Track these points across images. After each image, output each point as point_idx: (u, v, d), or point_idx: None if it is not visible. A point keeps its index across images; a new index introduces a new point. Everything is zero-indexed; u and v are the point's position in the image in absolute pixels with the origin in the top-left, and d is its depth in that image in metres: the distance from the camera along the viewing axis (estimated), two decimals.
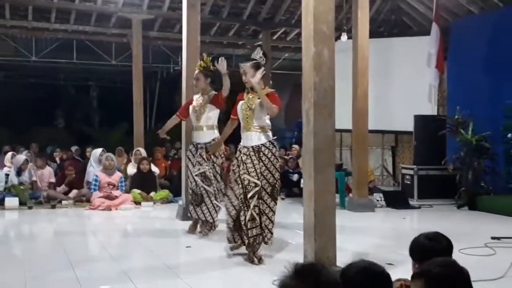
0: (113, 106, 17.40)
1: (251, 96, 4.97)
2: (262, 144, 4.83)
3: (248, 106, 4.94)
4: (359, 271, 1.87)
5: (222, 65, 5.73)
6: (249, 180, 4.74)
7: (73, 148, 12.99)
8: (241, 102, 5.03)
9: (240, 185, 4.82)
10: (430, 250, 2.28)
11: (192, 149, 6.26)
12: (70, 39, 13.10)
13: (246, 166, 4.80)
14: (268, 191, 4.75)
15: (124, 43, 12.90)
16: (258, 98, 4.86)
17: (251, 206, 4.71)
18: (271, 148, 4.84)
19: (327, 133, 3.97)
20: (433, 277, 1.84)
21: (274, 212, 4.82)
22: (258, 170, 4.76)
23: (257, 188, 4.71)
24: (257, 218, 4.73)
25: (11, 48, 14.38)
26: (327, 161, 3.99)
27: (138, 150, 10.26)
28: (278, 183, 4.84)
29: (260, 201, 4.75)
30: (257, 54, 5.05)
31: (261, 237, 4.78)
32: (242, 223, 4.81)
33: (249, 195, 4.72)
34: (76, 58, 13.85)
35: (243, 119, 4.98)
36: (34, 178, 8.99)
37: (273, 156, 4.81)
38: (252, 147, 4.85)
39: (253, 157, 4.80)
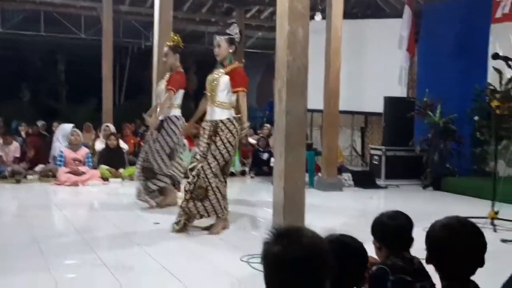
0: (81, 81, 17.03)
1: (218, 70, 5.01)
2: (220, 120, 4.88)
3: (213, 79, 4.99)
4: (334, 240, 1.90)
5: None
6: (196, 153, 5.04)
7: (39, 123, 12.71)
8: (209, 76, 5.06)
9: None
10: (390, 228, 2.33)
11: None
12: (37, 10, 12.70)
13: (200, 140, 5.02)
14: (212, 166, 4.83)
15: (94, 17, 12.60)
16: (224, 74, 4.89)
17: (190, 178, 4.92)
18: (228, 125, 4.87)
19: (299, 112, 3.98)
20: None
21: (218, 188, 4.88)
22: (205, 146, 4.91)
23: (199, 164, 4.88)
24: (204, 192, 4.86)
25: None
26: (299, 140, 4.01)
27: (107, 126, 10.11)
28: (230, 159, 4.91)
29: (204, 176, 4.85)
30: (233, 30, 5.04)
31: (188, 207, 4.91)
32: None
33: (190, 167, 5.02)
34: (43, 30, 13.44)
35: (209, 92, 5.04)
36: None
37: (229, 133, 4.85)
38: (211, 121, 4.91)
39: (207, 133, 4.94)
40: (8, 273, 3.80)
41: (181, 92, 6.24)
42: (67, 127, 9.28)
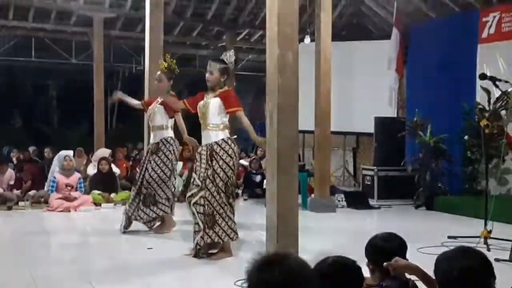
0: (72, 105, 17.03)
1: (208, 95, 5.03)
2: (215, 142, 4.87)
3: (204, 105, 5.02)
4: (331, 263, 1.91)
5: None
6: (194, 179, 4.92)
7: (31, 149, 12.66)
8: (201, 102, 5.07)
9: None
10: (384, 250, 2.34)
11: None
12: (28, 36, 12.74)
13: (196, 165, 4.97)
14: (212, 191, 4.80)
15: (84, 42, 12.66)
16: (214, 97, 4.91)
17: (193, 209, 4.88)
18: (223, 146, 4.86)
19: (290, 134, 4.00)
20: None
21: (225, 212, 4.84)
22: (203, 172, 4.86)
23: (199, 191, 4.85)
24: (199, 219, 4.86)
25: None
26: (291, 162, 4.03)
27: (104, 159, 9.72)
28: (230, 181, 4.85)
29: (208, 202, 4.81)
30: (230, 58, 5.01)
31: (203, 239, 4.86)
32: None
33: (188, 194, 4.97)
34: (34, 56, 13.47)
35: (201, 117, 5.05)
36: None
37: (225, 154, 4.83)
38: (206, 145, 4.91)
39: (203, 156, 4.92)
40: None
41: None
42: (65, 153, 9.22)
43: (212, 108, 4.95)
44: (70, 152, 9.15)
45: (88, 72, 12.33)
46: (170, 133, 6.21)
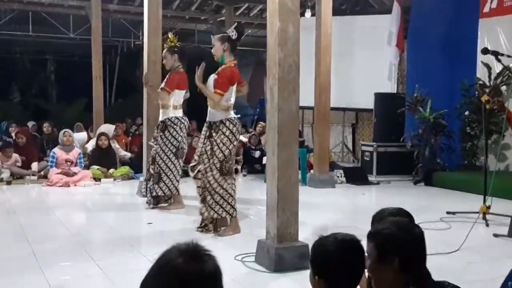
0: (71, 80, 16.96)
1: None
2: (214, 122, 4.90)
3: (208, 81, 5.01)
4: (332, 240, 1.92)
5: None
6: (197, 157, 5.00)
7: (30, 124, 12.64)
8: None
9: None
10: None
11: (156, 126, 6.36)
12: (25, 10, 12.58)
13: (200, 140, 5.09)
14: (205, 166, 4.89)
15: (82, 16, 12.53)
16: (215, 73, 4.99)
17: (198, 182, 5.02)
18: (221, 127, 4.87)
19: (291, 109, 3.97)
20: (383, 238, 1.92)
21: (221, 187, 4.89)
22: (201, 147, 4.97)
23: (196, 165, 4.97)
24: (197, 193, 5.06)
25: None
26: (291, 137, 4.00)
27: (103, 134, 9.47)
28: (226, 159, 4.86)
29: (208, 177, 4.87)
30: (232, 32, 5.03)
31: (208, 213, 4.97)
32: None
33: (190, 165, 5.05)
34: (32, 30, 13.33)
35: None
36: None
37: (223, 134, 4.84)
38: (209, 122, 4.93)
39: (203, 132, 5.02)
40: (1, 275, 3.78)
41: (179, 93, 6.16)
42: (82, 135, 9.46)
43: (210, 86, 4.94)
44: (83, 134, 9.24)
45: (86, 47, 12.23)
46: (175, 112, 6.18)
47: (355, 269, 1.91)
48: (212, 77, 4.99)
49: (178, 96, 6.17)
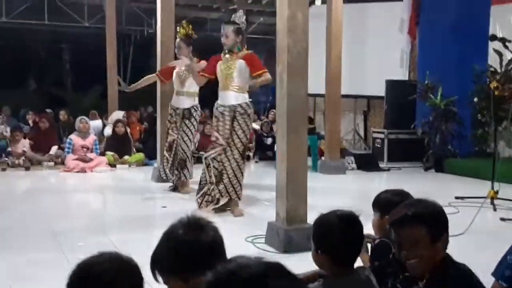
0: (86, 69, 17.12)
1: (228, 57, 5.13)
2: (238, 104, 5.03)
3: (228, 66, 5.12)
4: (332, 215, 2.04)
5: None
6: (216, 138, 5.10)
7: (47, 111, 12.84)
8: (220, 62, 5.18)
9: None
10: (396, 203, 2.43)
11: (172, 113, 6.45)
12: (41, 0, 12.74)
13: (218, 124, 5.12)
14: (240, 150, 5.04)
15: (97, 5, 12.66)
16: (238, 59, 5.12)
17: (212, 165, 5.09)
18: (246, 109, 5.04)
19: (300, 94, 4.07)
20: (432, 217, 1.87)
21: (241, 170, 5.11)
22: (228, 131, 5.04)
23: (220, 149, 5.07)
24: (219, 176, 5.10)
25: None
26: (300, 122, 4.11)
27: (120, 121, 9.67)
28: (247, 143, 5.07)
29: (229, 159, 5.04)
30: (240, 18, 5.14)
31: (221, 194, 5.14)
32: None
33: (209, 149, 5.17)
34: (47, 19, 13.50)
35: (222, 79, 5.16)
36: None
37: (248, 117, 5.01)
38: (229, 106, 5.04)
39: (227, 117, 5.01)
40: (22, 253, 3.96)
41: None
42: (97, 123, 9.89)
43: (238, 70, 5.10)
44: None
45: (100, 36, 12.36)
46: (197, 100, 6.41)
47: (355, 242, 2.03)
48: (241, 63, 5.11)
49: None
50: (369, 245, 2.48)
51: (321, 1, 9.18)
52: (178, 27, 6.57)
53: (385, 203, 2.47)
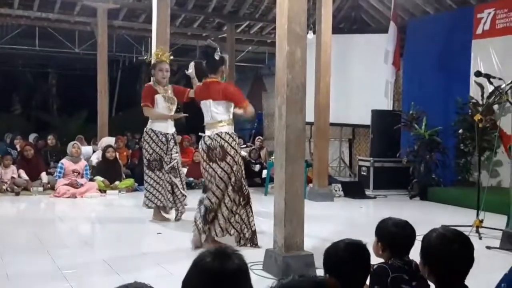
0: (72, 93, 17.20)
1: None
2: (221, 138, 5.03)
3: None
4: (342, 243, 2.20)
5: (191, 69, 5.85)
6: (216, 175, 5.00)
7: (32, 136, 12.81)
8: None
9: (209, 178, 5.08)
10: (400, 236, 2.59)
11: (162, 139, 6.39)
12: (32, 26, 12.82)
13: (208, 158, 5.06)
14: (234, 186, 5.06)
15: (87, 31, 12.80)
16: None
17: (223, 202, 5.04)
18: (230, 141, 5.04)
19: (298, 126, 4.25)
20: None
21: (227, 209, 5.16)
22: (222, 167, 5.01)
23: (223, 184, 5.03)
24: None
25: None
26: (298, 153, 4.28)
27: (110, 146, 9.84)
28: (235, 175, 5.06)
29: (226, 195, 5.04)
30: (217, 52, 5.20)
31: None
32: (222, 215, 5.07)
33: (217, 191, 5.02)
34: (38, 45, 13.58)
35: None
36: None
37: (232, 150, 5.03)
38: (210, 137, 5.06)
39: (215, 151, 5.03)
40: (21, 277, 4.02)
41: None
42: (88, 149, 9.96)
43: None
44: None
45: (89, 61, 12.49)
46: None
47: (363, 268, 2.19)
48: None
49: None
50: None
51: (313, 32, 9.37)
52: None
53: (388, 234, 2.62)
